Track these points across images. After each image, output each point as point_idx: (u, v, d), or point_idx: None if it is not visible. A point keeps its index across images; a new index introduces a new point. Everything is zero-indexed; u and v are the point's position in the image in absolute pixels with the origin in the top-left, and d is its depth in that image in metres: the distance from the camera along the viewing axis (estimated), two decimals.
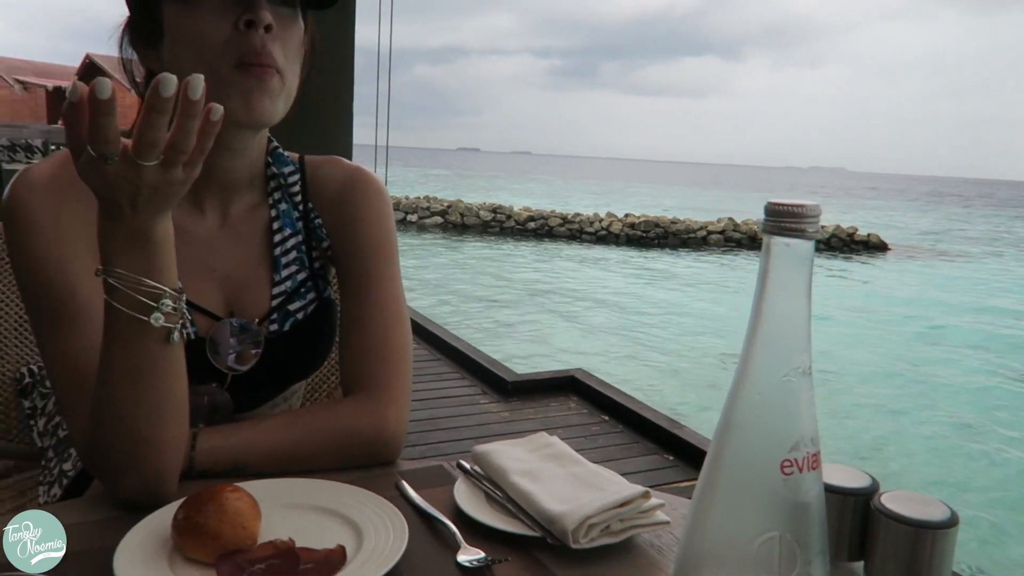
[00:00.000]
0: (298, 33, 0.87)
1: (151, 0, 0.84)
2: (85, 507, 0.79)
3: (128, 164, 0.62)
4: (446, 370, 4.24)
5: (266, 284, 0.97)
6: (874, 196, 70.11)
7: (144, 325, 0.70)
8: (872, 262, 18.64)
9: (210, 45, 0.81)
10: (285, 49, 0.85)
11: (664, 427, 3.38)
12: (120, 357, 0.73)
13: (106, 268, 0.69)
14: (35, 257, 0.82)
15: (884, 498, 0.55)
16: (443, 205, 21.28)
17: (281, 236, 0.98)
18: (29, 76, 36.65)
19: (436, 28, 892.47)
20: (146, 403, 0.74)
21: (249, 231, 0.97)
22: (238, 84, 0.82)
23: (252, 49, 0.81)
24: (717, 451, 0.50)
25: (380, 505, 0.77)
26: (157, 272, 0.70)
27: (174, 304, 0.71)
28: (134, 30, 0.88)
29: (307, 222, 1.00)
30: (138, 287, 0.69)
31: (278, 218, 0.98)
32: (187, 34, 0.82)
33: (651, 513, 0.77)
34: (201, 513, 0.67)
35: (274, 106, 0.85)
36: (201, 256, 0.93)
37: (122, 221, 0.67)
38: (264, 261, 0.97)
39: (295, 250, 0.99)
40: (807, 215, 0.46)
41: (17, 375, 1.30)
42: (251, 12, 0.81)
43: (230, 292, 0.95)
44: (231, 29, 0.81)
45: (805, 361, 0.48)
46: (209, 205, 0.94)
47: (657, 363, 8.27)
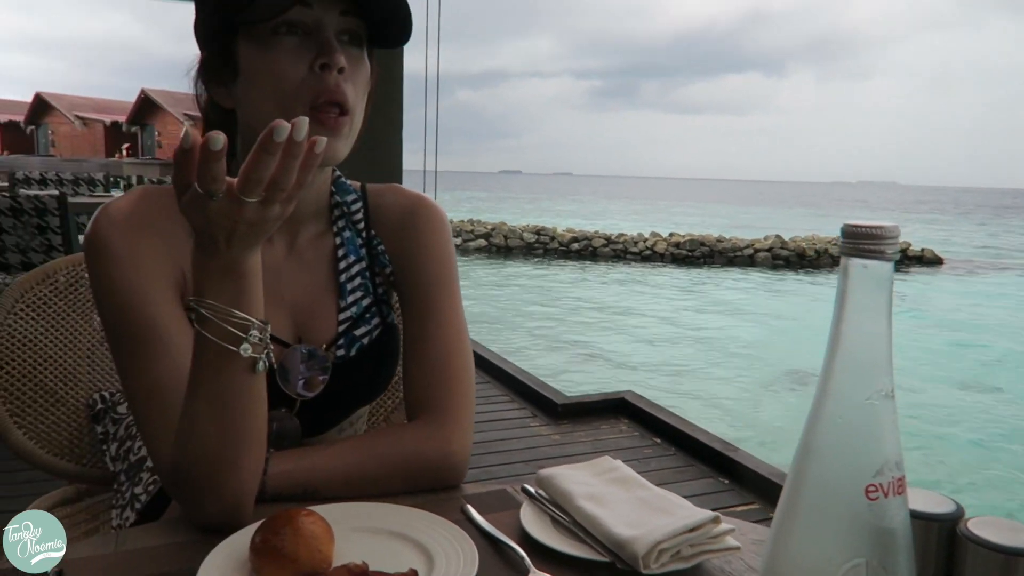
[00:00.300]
0: (366, 72, 0.90)
1: (228, 40, 0.87)
2: (163, 531, 0.82)
3: (231, 200, 0.65)
4: (496, 393, 4.25)
5: (332, 310, 0.99)
6: (926, 209, 68.20)
7: (232, 354, 0.73)
8: (927, 279, 18.06)
9: (286, 86, 0.84)
10: (356, 88, 0.88)
11: (718, 450, 3.31)
12: (208, 385, 0.75)
13: (198, 299, 0.72)
14: (115, 287, 0.86)
15: (971, 524, 0.53)
16: (487, 228, 21.42)
17: (346, 263, 1.00)
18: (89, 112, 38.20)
19: (477, 54, 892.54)
20: (230, 428, 0.77)
21: (315, 259, 0.99)
22: (312, 129, 0.85)
23: (327, 88, 0.84)
24: (797, 476, 0.49)
25: (449, 529, 0.77)
26: (247, 304, 0.73)
27: (260, 335, 0.74)
28: (208, 68, 0.92)
29: (370, 249, 1.03)
30: (228, 318, 0.72)
31: (342, 245, 1.00)
32: (263, 74, 0.85)
33: (721, 538, 0.76)
34: (278, 536, 0.68)
35: (343, 147, 0.88)
36: (270, 284, 0.95)
37: (216, 255, 0.69)
38: (330, 288, 0.99)
39: (359, 276, 1.01)
40: (885, 236, 0.46)
41: (90, 401, 1.35)
42: (327, 56, 0.83)
43: (298, 319, 0.97)
44: (307, 70, 0.84)
45: (887, 384, 0.47)
46: (277, 235, 0.97)
47: None
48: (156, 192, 0.93)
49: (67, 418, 1.32)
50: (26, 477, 2.77)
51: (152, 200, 0.91)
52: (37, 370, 1.30)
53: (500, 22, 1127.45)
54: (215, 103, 0.93)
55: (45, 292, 1.32)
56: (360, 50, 0.89)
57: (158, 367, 0.84)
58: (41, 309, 1.32)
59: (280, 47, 0.84)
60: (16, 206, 3.57)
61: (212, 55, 0.90)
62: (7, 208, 3.55)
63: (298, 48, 0.84)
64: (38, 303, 1.32)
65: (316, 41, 0.85)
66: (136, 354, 0.85)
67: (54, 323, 1.33)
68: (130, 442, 1.29)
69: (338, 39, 0.86)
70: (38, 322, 1.32)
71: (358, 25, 0.88)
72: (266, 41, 0.85)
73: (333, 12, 0.85)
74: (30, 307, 1.31)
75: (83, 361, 1.36)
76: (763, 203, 72.17)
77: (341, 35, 0.87)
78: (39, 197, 3.61)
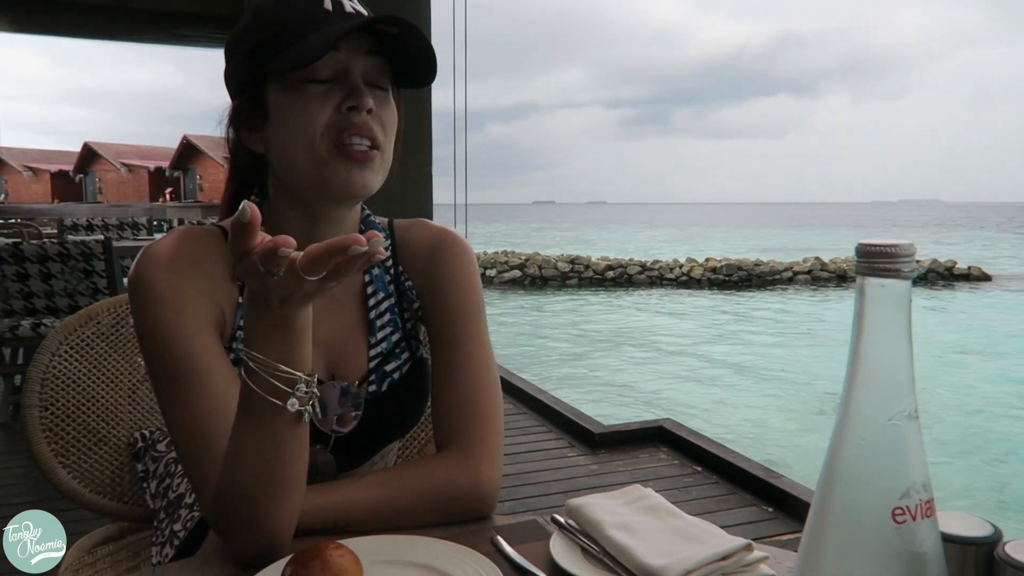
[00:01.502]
0: (394, 112, 0.93)
1: (258, 88, 0.91)
2: (199, 565, 0.83)
3: (292, 276, 0.65)
4: (532, 423, 4.22)
5: (363, 347, 1.00)
6: (970, 226, 66.35)
7: (278, 408, 0.73)
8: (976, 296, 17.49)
9: (313, 128, 0.87)
10: (384, 128, 0.90)
11: (761, 477, 3.24)
12: (251, 435, 0.76)
13: (248, 352, 0.73)
14: (157, 326, 0.87)
15: (1008, 547, 0.52)
16: (521, 259, 21.48)
17: (375, 300, 1.02)
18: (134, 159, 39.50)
19: (506, 87, 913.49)
20: (271, 475, 0.77)
21: (345, 297, 1.01)
22: (340, 163, 0.87)
23: (353, 126, 0.86)
24: (822, 500, 0.48)
25: (477, 561, 0.77)
26: (295, 360, 0.73)
27: (307, 388, 0.74)
28: (239, 114, 0.95)
29: (398, 284, 1.04)
30: (276, 373, 0.72)
31: (371, 282, 1.02)
32: (292, 119, 0.88)
33: (755, 567, 0.74)
34: (307, 570, 0.69)
35: (374, 179, 0.90)
36: None
37: (268, 312, 0.70)
38: (360, 324, 1.01)
39: (388, 312, 1.02)
40: (901, 254, 0.45)
41: (131, 440, 1.38)
42: (355, 98, 0.86)
43: (330, 357, 0.99)
44: (334, 112, 0.87)
45: (910, 404, 0.46)
46: None
47: None
48: (196, 232, 0.95)
49: (109, 457, 1.36)
50: (74, 516, 2.82)
51: (192, 240, 0.93)
52: (81, 410, 1.34)
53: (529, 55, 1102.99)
54: (246, 147, 0.96)
55: (88, 334, 1.37)
56: (386, 92, 0.92)
57: (198, 404, 0.85)
58: (84, 351, 1.36)
59: (309, 92, 0.87)
60: (64, 251, 3.69)
61: (243, 102, 0.94)
62: (55, 254, 3.68)
63: (326, 93, 0.87)
64: (82, 345, 1.36)
65: (343, 85, 0.87)
66: (177, 392, 0.86)
67: (97, 364, 1.37)
68: (169, 479, 1.31)
69: (364, 81, 0.89)
70: (82, 363, 1.36)
71: (384, 66, 0.91)
72: (295, 87, 0.87)
73: (359, 53, 0.88)
74: (74, 349, 1.35)
75: (124, 400, 1.40)
76: (802, 226, 71.14)
77: (367, 77, 0.89)
78: (85, 242, 3.73)
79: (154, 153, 40.92)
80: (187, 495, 1.26)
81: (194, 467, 0.85)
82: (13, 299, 3.71)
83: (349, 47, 0.87)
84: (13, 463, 3.56)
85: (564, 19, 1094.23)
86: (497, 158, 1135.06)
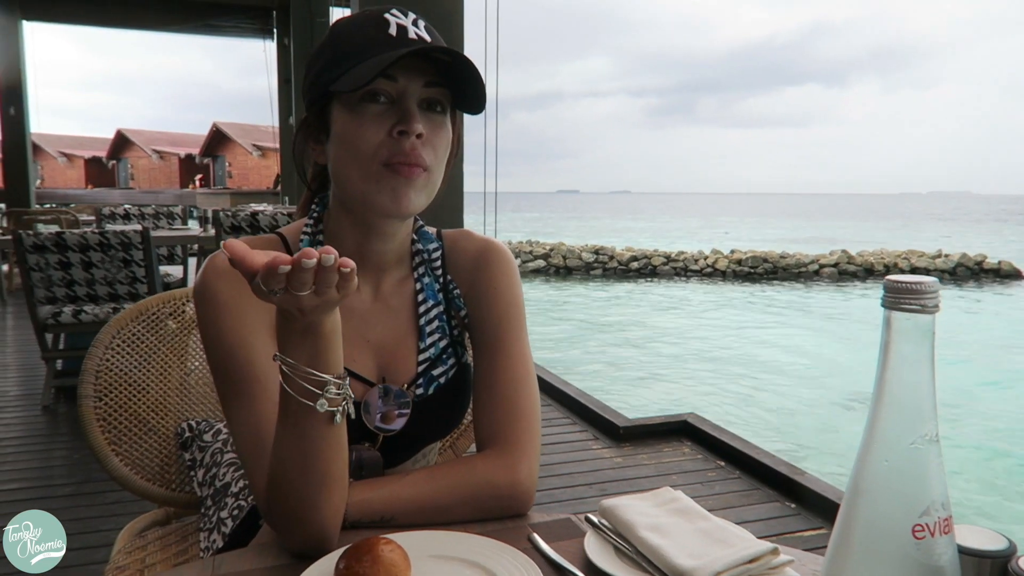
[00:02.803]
0: (447, 135, 0.96)
1: (324, 104, 0.96)
2: (255, 556, 0.89)
3: (288, 295, 0.70)
4: (557, 416, 4.27)
5: (412, 351, 1.05)
6: (1002, 217, 64.71)
7: (310, 409, 0.78)
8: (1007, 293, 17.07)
9: (365, 147, 0.92)
10: (435, 151, 0.94)
11: (784, 473, 3.26)
12: (290, 435, 0.81)
13: (281, 357, 0.78)
14: (221, 333, 0.93)
15: (1023, 561, 0.55)
16: (545, 248, 21.49)
17: (425, 307, 1.07)
18: (165, 146, 40.02)
19: (532, 76, 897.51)
20: (312, 473, 0.83)
21: (398, 304, 1.06)
22: (387, 181, 0.92)
23: (402, 151, 0.91)
24: (847, 516, 0.52)
25: (516, 557, 0.82)
26: (323, 363, 0.78)
27: (338, 390, 0.79)
28: (307, 127, 1.01)
29: (446, 292, 1.09)
30: (306, 376, 0.77)
31: (422, 291, 1.07)
32: (349, 136, 0.93)
33: (781, 570, 0.78)
34: (360, 563, 0.74)
35: (419, 199, 0.95)
36: (358, 329, 1.03)
37: (294, 320, 0.75)
38: (411, 330, 1.06)
39: (437, 319, 1.07)
40: (926, 291, 0.49)
41: (179, 430, 1.45)
42: (406, 123, 0.91)
43: (381, 360, 1.04)
44: (385, 135, 0.91)
45: (932, 429, 0.50)
46: (363, 283, 1.03)
47: None
48: (257, 242, 1.01)
49: (158, 446, 1.42)
50: (116, 498, 2.93)
51: None
52: (132, 401, 1.40)
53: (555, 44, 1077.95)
54: (315, 161, 1.03)
55: (138, 328, 1.43)
56: (443, 116, 0.96)
57: (257, 408, 0.91)
58: (135, 344, 1.43)
59: (365, 113, 0.92)
60: (104, 241, 3.79)
61: (311, 115, 0.99)
62: (97, 244, 3.78)
63: (382, 115, 0.92)
64: (132, 339, 1.42)
65: (399, 109, 0.92)
66: (238, 395, 0.92)
67: (147, 357, 1.43)
68: (215, 468, 1.38)
69: (420, 106, 0.93)
70: (132, 356, 1.42)
71: (442, 94, 0.95)
72: (354, 107, 0.92)
73: (417, 83, 0.92)
74: (125, 342, 1.42)
75: (173, 392, 1.46)
76: (828, 217, 70.08)
77: (424, 103, 0.94)
78: (124, 233, 3.83)
79: (184, 140, 41.43)
80: (232, 484, 1.33)
81: (251, 465, 0.91)
82: (56, 287, 3.83)
83: (407, 74, 0.92)
84: (57, 445, 3.68)
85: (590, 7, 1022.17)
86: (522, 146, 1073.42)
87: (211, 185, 31.54)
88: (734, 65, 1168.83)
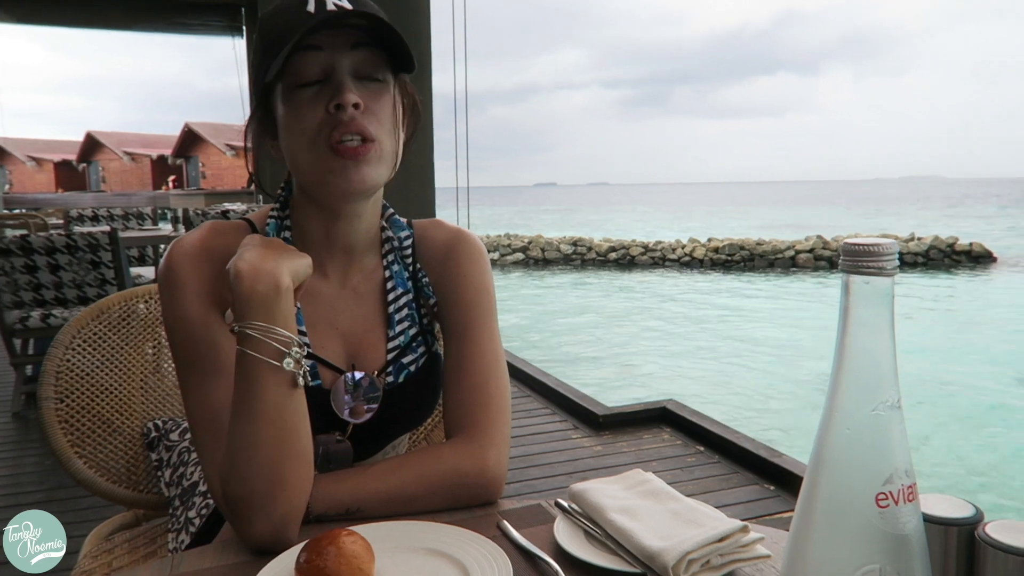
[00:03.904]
0: (389, 101, 0.94)
1: (269, 99, 0.95)
2: (215, 553, 0.86)
3: None
4: (536, 406, 4.26)
5: (382, 339, 1.04)
6: (971, 202, 65.61)
7: (275, 370, 0.80)
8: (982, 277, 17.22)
9: (309, 132, 0.90)
10: (378, 118, 0.92)
11: (763, 456, 3.28)
12: (252, 401, 0.81)
13: (248, 322, 0.80)
14: (185, 314, 0.92)
15: (989, 528, 0.54)
16: (524, 241, 21.48)
17: (394, 295, 1.05)
18: (136, 147, 39.43)
19: (507, 70, 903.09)
20: (275, 442, 0.82)
21: (367, 291, 1.04)
22: (337, 163, 0.90)
23: (341, 124, 0.89)
24: (810, 486, 0.51)
25: (484, 545, 0.80)
26: (289, 326, 0.81)
27: (300, 350, 0.81)
28: (260, 124, 0.99)
29: (416, 281, 1.07)
30: (273, 336, 0.80)
31: (391, 278, 1.05)
32: (291, 124, 0.92)
33: (751, 547, 0.77)
34: (321, 556, 0.72)
35: (374, 172, 0.92)
36: (326, 315, 1.01)
37: None
38: (380, 318, 1.04)
39: (407, 307, 1.05)
40: (884, 253, 0.47)
41: (144, 430, 1.41)
42: (338, 97, 0.89)
43: (351, 347, 1.02)
44: (324, 114, 0.90)
45: (893, 395, 0.49)
46: (332, 269, 1.02)
47: None
48: (223, 226, 1.00)
49: (123, 447, 1.39)
50: (89, 503, 2.87)
51: (220, 233, 0.98)
52: (95, 402, 1.37)
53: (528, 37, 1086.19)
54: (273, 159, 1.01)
55: (100, 328, 1.39)
56: (382, 83, 0.94)
57: (216, 393, 0.90)
58: (97, 344, 1.39)
59: (300, 97, 0.90)
60: (71, 243, 3.72)
61: (261, 113, 0.98)
62: (63, 246, 3.71)
63: (316, 96, 0.90)
64: (93, 338, 1.39)
65: (331, 85, 0.90)
66: (198, 378, 0.92)
67: (109, 356, 1.40)
68: (183, 468, 1.35)
69: (356, 75, 0.91)
70: (94, 356, 1.39)
71: (376, 56, 0.92)
72: (289, 95, 0.91)
73: (343, 52, 0.90)
74: (86, 342, 1.38)
75: (137, 392, 1.43)
76: (803, 204, 70.61)
77: (359, 71, 0.92)
78: (92, 234, 3.75)
79: (156, 141, 40.85)
80: (200, 483, 1.30)
81: (208, 452, 0.90)
82: (23, 291, 3.75)
83: (332, 45, 0.90)
84: (28, 452, 3.61)
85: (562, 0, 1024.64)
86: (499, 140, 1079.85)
87: (185, 186, 31.17)
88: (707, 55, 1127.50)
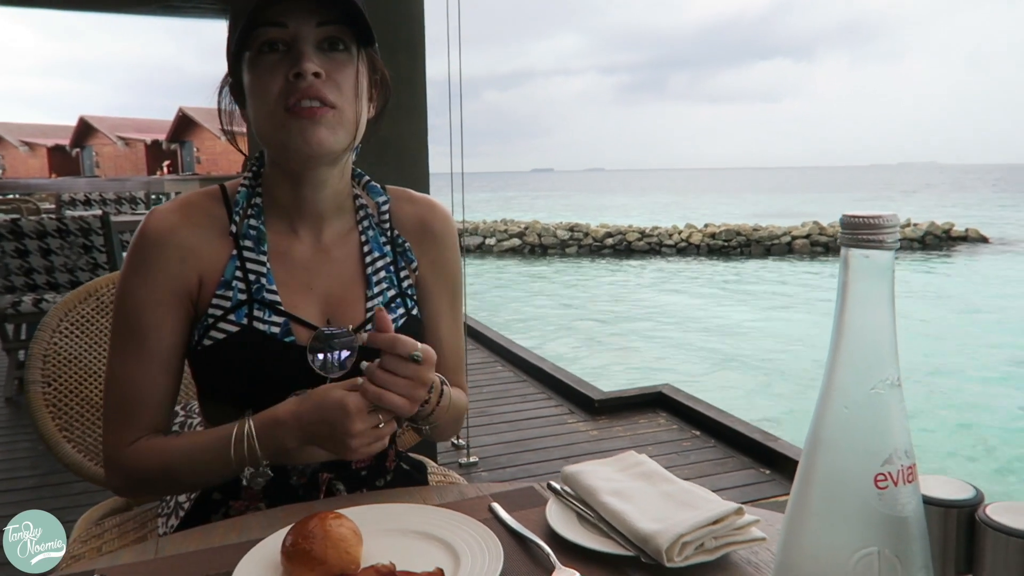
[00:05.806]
0: (351, 72, 0.97)
1: (238, 67, 0.99)
2: (200, 536, 0.85)
3: None
4: (532, 391, 4.25)
5: (360, 299, 1.06)
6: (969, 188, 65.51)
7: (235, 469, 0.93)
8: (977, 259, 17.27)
9: (268, 97, 0.93)
10: (339, 87, 0.95)
11: (758, 440, 3.28)
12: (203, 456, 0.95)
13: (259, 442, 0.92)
14: (127, 288, 0.99)
15: (990, 510, 0.53)
16: (520, 227, 21.42)
17: (372, 258, 1.08)
18: (130, 132, 39.17)
19: (503, 55, 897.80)
20: (197, 482, 1.00)
21: (343, 255, 1.07)
22: (294, 124, 0.93)
23: (299, 90, 0.92)
24: (807, 467, 0.50)
25: (475, 528, 0.79)
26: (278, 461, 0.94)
27: (262, 480, 0.92)
28: (232, 92, 1.03)
29: (395, 246, 1.11)
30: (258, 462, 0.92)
31: (367, 243, 1.08)
32: (254, 89, 0.95)
33: (746, 530, 0.76)
34: (308, 540, 0.71)
35: (333, 136, 0.95)
36: (300, 277, 1.04)
37: None
38: (358, 280, 1.07)
39: (384, 270, 1.09)
40: (884, 225, 0.46)
41: None
42: (297, 65, 0.92)
43: (328, 307, 1.04)
44: (284, 81, 0.93)
45: (893, 373, 0.47)
46: (303, 231, 1.05)
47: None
48: (197, 196, 1.04)
49: None
50: (81, 488, 2.86)
51: (192, 205, 1.02)
52: (83, 385, 1.35)
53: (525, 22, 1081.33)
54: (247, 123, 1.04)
55: (88, 310, 1.37)
56: (346, 53, 0.96)
57: (135, 368, 0.98)
58: (85, 327, 1.37)
59: (263, 64, 0.94)
60: (63, 227, 3.68)
61: (234, 82, 1.01)
62: (54, 230, 3.67)
63: (277, 63, 0.93)
64: (82, 321, 1.37)
65: (293, 53, 0.93)
66: (121, 349, 0.99)
67: (98, 339, 1.38)
68: None
69: (320, 47, 0.94)
70: (83, 339, 1.37)
71: (341, 32, 0.95)
72: (253, 62, 0.95)
73: (310, 26, 0.93)
74: (75, 325, 1.36)
75: None
76: (800, 190, 70.49)
77: (324, 42, 0.95)
78: (84, 218, 3.72)
79: (150, 126, 40.54)
80: None
81: (118, 416, 0.99)
82: (14, 275, 3.72)
83: (297, 18, 0.93)
84: (20, 437, 3.60)
85: None
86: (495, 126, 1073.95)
87: (179, 171, 30.95)
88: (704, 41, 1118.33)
